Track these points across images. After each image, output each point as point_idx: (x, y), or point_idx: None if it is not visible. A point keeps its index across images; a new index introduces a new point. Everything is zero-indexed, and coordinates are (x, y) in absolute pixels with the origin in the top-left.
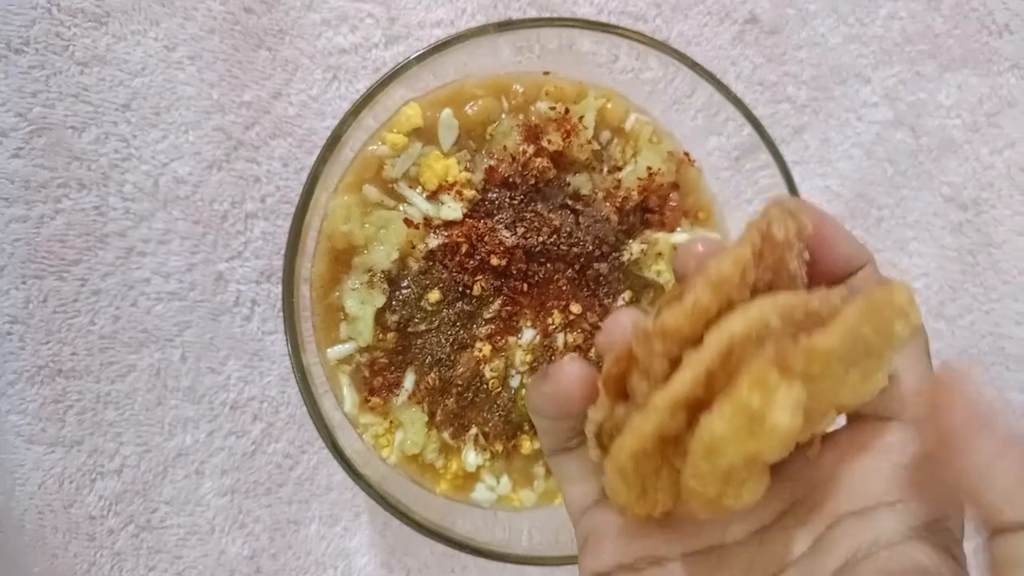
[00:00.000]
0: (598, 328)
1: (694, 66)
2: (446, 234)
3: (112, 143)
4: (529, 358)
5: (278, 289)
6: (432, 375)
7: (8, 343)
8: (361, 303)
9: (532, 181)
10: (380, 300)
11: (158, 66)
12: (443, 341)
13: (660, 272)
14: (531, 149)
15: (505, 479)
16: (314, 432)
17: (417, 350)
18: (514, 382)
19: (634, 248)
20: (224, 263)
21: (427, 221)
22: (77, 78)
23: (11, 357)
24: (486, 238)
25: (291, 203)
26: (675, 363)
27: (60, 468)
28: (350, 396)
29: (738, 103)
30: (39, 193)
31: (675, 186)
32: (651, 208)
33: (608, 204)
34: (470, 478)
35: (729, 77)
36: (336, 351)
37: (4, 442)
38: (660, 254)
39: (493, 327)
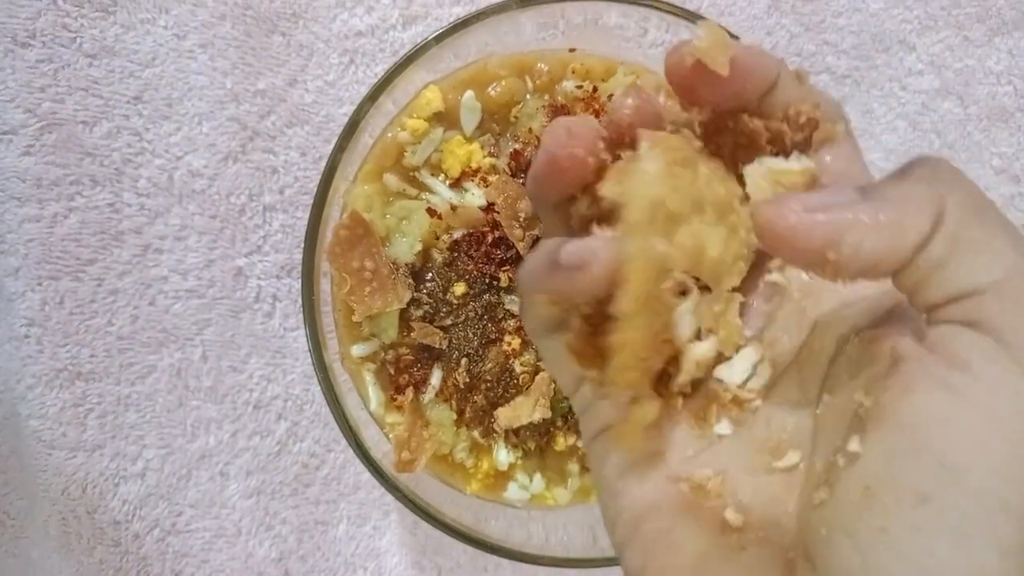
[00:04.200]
0: None
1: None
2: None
3: (124, 137)
4: None
5: (299, 284)
6: (460, 371)
7: (26, 346)
8: None
9: None
10: (405, 295)
11: (169, 55)
12: (470, 335)
13: None
14: None
15: (538, 477)
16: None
17: (444, 345)
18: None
19: None
20: (243, 258)
21: (451, 210)
22: (86, 71)
23: (29, 361)
24: None
25: (310, 194)
26: None
27: (82, 473)
28: (375, 395)
29: None
30: (51, 191)
31: None
32: None
33: None
34: (502, 477)
35: (765, 48)
36: (360, 348)
37: (25, 447)
38: None
39: (522, 320)
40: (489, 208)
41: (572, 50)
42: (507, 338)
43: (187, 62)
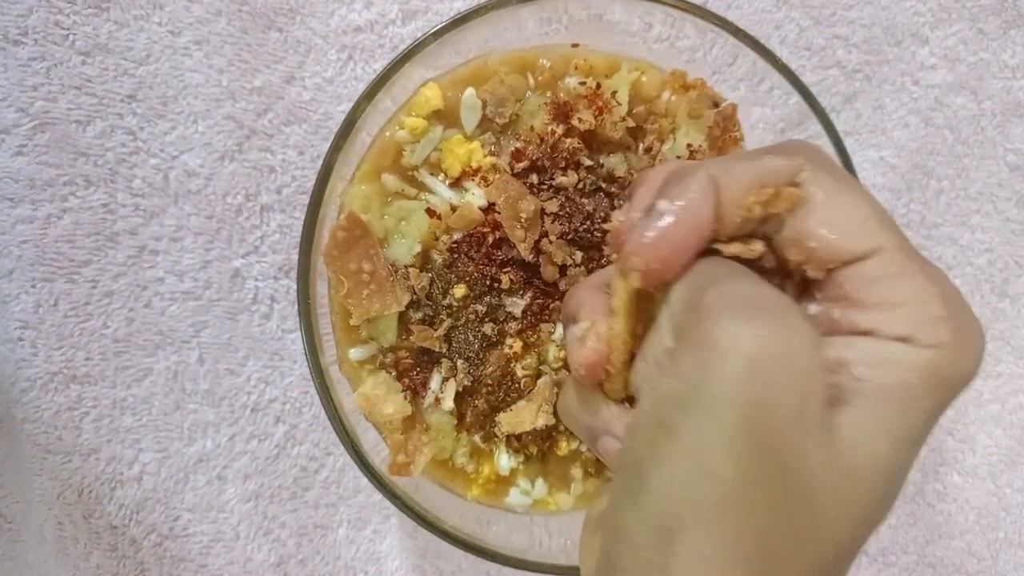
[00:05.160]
0: None
1: (735, 31)
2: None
3: (118, 136)
4: (563, 354)
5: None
6: (460, 375)
7: (20, 350)
8: None
9: (562, 164)
10: (404, 297)
11: (163, 53)
12: (471, 339)
13: None
14: (560, 129)
15: (540, 482)
16: None
17: (444, 349)
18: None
19: None
20: (240, 259)
21: (451, 210)
22: (79, 69)
23: (24, 364)
24: None
25: (309, 194)
26: None
27: (78, 478)
28: None
29: (784, 70)
30: (45, 192)
31: None
32: None
33: None
34: (503, 482)
35: (773, 42)
36: (358, 352)
37: (21, 452)
38: None
39: (524, 322)
40: (490, 208)
41: (575, 45)
42: (508, 341)
43: (182, 59)
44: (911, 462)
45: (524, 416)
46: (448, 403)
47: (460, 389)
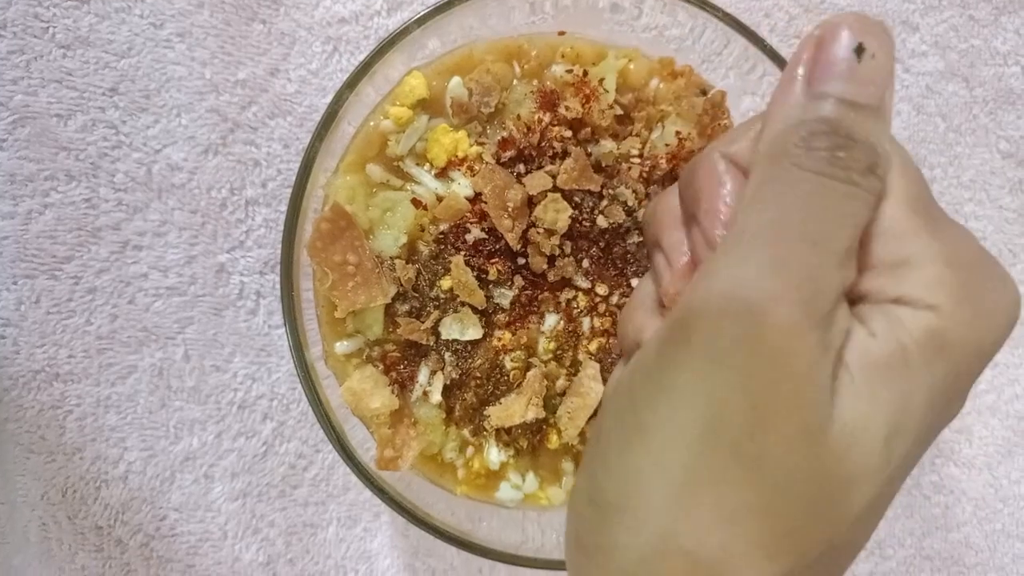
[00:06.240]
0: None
1: (725, 17)
2: None
3: (100, 130)
4: (552, 346)
5: None
6: (448, 368)
7: (2, 347)
8: None
9: (550, 153)
10: (390, 289)
11: (145, 45)
12: None
13: None
14: (547, 117)
15: (531, 477)
16: None
17: (431, 342)
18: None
19: None
20: (225, 254)
21: (437, 200)
22: (60, 62)
23: (5, 362)
24: None
25: None
26: None
27: (62, 477)
28: None
29: (775, 57)
30: (25, 187)
31: None
32: None
33: (634, 174)
34: (494, 477)
35: (763, 30)
36: (344, 345)
37: (3, 452)
38: None
39: (512, 314)
40: (476, 198)
41: (562, 33)
42: (497, 333)
43: (164, 52)
44: (915, 452)
45: (514, 409)
46: (436, 397)
47: (448, 382)
